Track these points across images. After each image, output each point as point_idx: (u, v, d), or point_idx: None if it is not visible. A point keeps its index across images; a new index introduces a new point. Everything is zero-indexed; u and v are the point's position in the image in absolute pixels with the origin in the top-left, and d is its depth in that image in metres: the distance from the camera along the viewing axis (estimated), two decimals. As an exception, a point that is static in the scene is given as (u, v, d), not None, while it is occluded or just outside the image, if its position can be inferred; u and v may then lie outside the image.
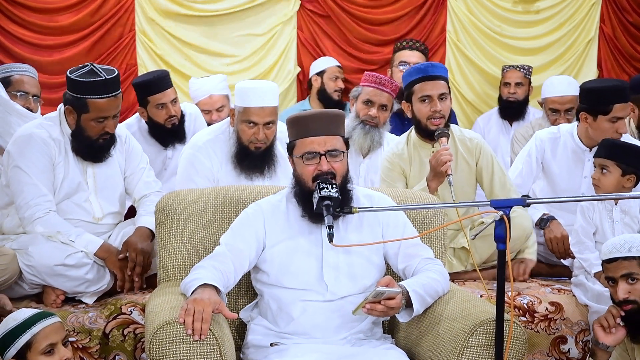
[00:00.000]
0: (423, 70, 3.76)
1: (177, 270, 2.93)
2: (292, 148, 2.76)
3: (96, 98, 3.32)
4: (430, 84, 3.71)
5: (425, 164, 3.77)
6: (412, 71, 3.83)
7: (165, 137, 4.43)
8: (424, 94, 3.71)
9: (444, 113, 3.72)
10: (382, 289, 2.50)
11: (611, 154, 3.49)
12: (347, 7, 5.88)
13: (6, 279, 3.27)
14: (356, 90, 4.35)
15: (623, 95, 3.85)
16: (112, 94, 3.35)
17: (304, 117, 2.74)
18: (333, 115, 2.76)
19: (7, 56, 5.35)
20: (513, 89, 5.43)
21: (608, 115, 3.83)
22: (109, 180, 3.57)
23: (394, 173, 3.85)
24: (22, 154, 3.37)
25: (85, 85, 3.31)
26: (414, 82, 3.75)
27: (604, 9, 6.07)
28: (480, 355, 2.52)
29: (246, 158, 3.68)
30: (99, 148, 3.46)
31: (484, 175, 3.82)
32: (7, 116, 3.78)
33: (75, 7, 5.54)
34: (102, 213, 3.56)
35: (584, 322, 3.52)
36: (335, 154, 2.70)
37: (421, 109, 3.73)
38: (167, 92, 4.37)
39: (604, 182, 3.49)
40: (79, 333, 3.27)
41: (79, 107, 3.36)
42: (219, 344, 2.44)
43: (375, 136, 4.24)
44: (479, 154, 3.83)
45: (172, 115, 4.37)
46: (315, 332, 2.68)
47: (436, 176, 3.58)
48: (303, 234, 2.75)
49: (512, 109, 5.46)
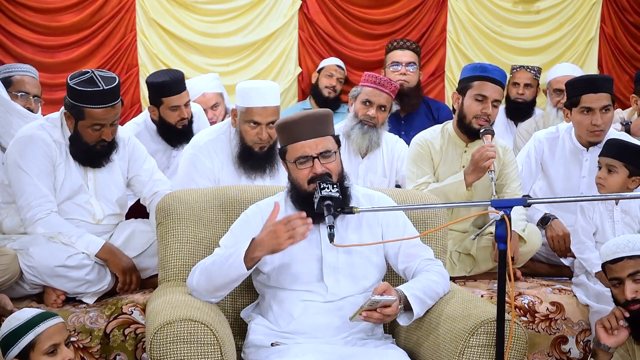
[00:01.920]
0: (487, 70, 3.77)
1: (177, 270, 2.93)
2: (284, 153, 2.75)
3: (92, 107, 3.32)
4: (490, 86, 3.72)
5: (454, 160, 3.78)
6: (477, 67, 3.84)
7: (175, 137, 4.43)
8: (481, 93, 3.71)
9: (492, 119, 3.74)
10: (378, 297, 2.51)
11: (620, 154, 3.47)
12: (347, 7, 5.89)
13: (7, 279, 3.27)
14: (355, 90, 4.34)
15: (591, 86, 3.84)
16: (109, 104, 3.33)
17: (293, 121, 2.72)
18: (320, 116, 2.74)
19: (8, 56, 5.36)
20: (522, 89, 5.40)
21: (578, 107, 3.85)
22: (109, 184, 3.57)
23: (424, 157, 3.85)
24: (23, 155, 3.37)
25: (82, 94, 3.30)
26: (475, 78, 3.76)
27: (604, 8, 6.08)
28: (481, 355, 2.52)
29: (250, 158, 3.68)
30: (96, 154, 3.46)
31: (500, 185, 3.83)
32: (8, 116, 3.78)
33: (76, 7, 5.54)
34: (102, 214, 3.56)
35: (584, 322, 3.52)
36: (328, 154, 2.70)
37: (472, 106, 3.74)
38: (183, 94, 4.34)
39: (610, 182, 3.48)
40: (80, 333, 3.27)
41: (76, 114, 3.36)
42: (220, 344, 2.45)
43: (374, 136, 4.23)
44: (504, 162, 3.84)
45: (184, 117, 4.37)
46: (316, 332, 2.68)
47: (476, 170, 3.59)
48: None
49: (519, 110, 5.44)
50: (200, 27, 5.74)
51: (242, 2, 5.76)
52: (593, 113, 3.82)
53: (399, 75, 5.18)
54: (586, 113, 3.84)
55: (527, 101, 5.42)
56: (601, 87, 3.84)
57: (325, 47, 5.86)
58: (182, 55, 5.70)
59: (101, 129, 3.37)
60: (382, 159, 4.30)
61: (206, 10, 5.75)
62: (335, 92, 5.59)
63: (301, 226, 2.51)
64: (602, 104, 3.81)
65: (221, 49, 5.78)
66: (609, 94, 3.85)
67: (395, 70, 5.23)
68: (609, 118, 3.86)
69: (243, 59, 5.80)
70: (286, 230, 2.51)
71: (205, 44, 5.75)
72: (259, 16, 5.80)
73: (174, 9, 5.68)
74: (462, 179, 3.63)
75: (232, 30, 5.78)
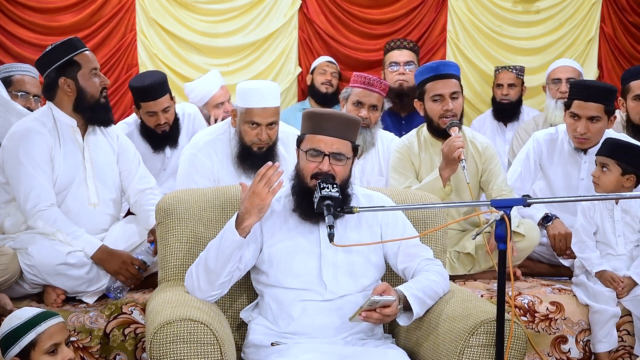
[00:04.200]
0: (434, 69, 3.77)
1: (177, 270, 2.93)
2: (300, 140, 2.77)
3: (80, 51, 3.44)
4: (441, 82, 3.72)
5: (434, 160, 3.78)
6: (424, 70, 3.83)
7: (155, 141, 4.44)
8: (436, 93, 3.72)
9: (456, 112, 3.73)
10: (377, 298, 2.51)
11: (612, 152, 3.48)
12: (347, 7, 5.89)
13: (7, 278, 3.26)
14: (345, 91, 4.34)
15: (583, 93, 3.79)
16: (87, 48, 3.51)
17: (321, 114, 2.76)
18: (349, 120, 2.76)
19: (8, 56, 5.36)
20: (506, 90, 5.40)
21: (569, 109, 3.84)
22: (105, 165, 3.59)
23: (405, 162, 3.87)
24: (20, 148, 3.37)
25: (66, 45, 3.44)
26: (426, 81, 3.76)
27: (604, 8, 6.07)
28: (481, 355, 2.52)
29: (249, 158, 3.68)
30: (104, 107, 3.51)
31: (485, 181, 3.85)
32: (8, 116, 3.78)
33: (76, 7, 5.54)
34: (98, 199, 3.54)
35: (584, 322, 3.52)
36: (340, 157, 2.70)
37: (433, 108, 3.75)
38: (160, 100, 4.33)
39: (604, 181, 3.49)
40: (80, 333, 3.27)
41: (72, 70, 3.42)
42: (219, 344, 2.45)
43: (368, 137, 4.24)
44: (485, 158, 3.84)
45: (160, 123, 4.36)
46: (316, 332, 2.68)
47: (449, 164, 3.60)
48: (301, 233, 2.76)
49: (505, 111, 5.43)
50: (200, 27, 5.74)
51: (242, 2, 5.76)
52: (578, 120, 3.81)
53: (398, 75, 5.19)
54: (573, 118, 3.83)
55: (512, 101, 5.41)
56: (593, 96, 3.76)
57: (325, 47, 5.86)
58: (182, 55, 5.70)
59: (97, 72, 3.47)
60: (378, 157, 4.31)
61: (206, 10, 5.75)
62: (332, 87, 5.58)
63: (274, 175, 2.58)
64: (588, 113, 3.77)
65: (221, 49, 5.78)
66: (602, 105, 3.76)
67: (393, 70, 5.24)
68: (597, 128, 3.80)
69: (243, 59, 5.81)
70: (263, 185, 2.57)
71: (205, 44, 5.75)
72: (259, 16, 5.80)
73: (174, 9, 5.68)
74: (438, 176, 3.63)
75: (232, 30, 5.79)
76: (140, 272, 3.44)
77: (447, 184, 3.64)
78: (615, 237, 3.54)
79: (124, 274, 3.40)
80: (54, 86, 3.45)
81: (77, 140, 3.50)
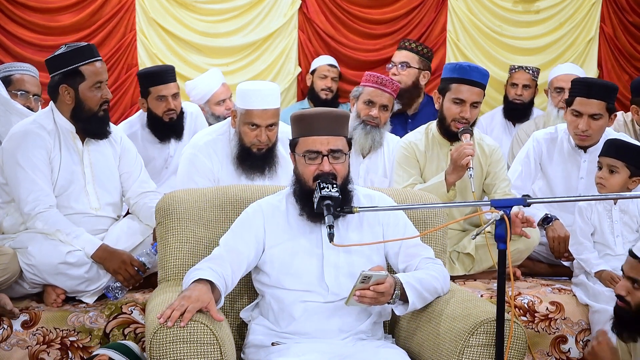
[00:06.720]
0: (465, 72, 3.75)
1: (177, 270, 2.93)
2: (294, 145, 2.76)
3: (89, 62, 3.40)
4: (467, 88, 3.72)
5: (440, 160, 3.78)
6: (455, 67, 3.81)
7: (163, 131, 4.45)
8: (458, 97, 3.73)
9: (470, 120, 3.74)
10: (368, 272, 2.50)
11: (621, 154, 3.46)
12: (347, 7, 5.89)
13: (6, 278, 3.26)
14: (357, 90, 4.34)
15: (586, 90, 3.81)
16: (99, 58, 3.46)
17: (309, 115, 2.74)
18: (338, 115, 2.75)
19: (8, 56, 5.36)
20: (520, 90, 5.38)
21: (571, 107, 3.85)
22: (105, 170, 3.58)
23: (410, 159, 3.87)
24: (19, 150, 3.37)
25: (75, 52, 3.39)
26: (453, 80, 3.75)
27: (604, 8, 6.08)
28: (481, 354, 2.52)
29: (248, 159, 3.68)
30: (100, 120, 3.49)
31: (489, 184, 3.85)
32: (8, 115, 3.78)
33: (76, 7, 5.55)
34: (99, 203, 3.54)
35: (584, 321, 3.52)
36: (338, 155, 2.70)
37: (451, 109, 3.75)
38: (170, 85, 4.42)
39: (611, 182, 3.47)
40: (80, 333, 3.27)
41: (74, 80, 3.40)
42: (219, 344, 2.45)
43: (376, 136, 4.24)
44: (491, 161, 3.84)
45: (171, 108, 4.39)
46: (316, 332, 2.68)
47: (456, 170, 3.61)
48: (303, 233, 2.75)
49: (517, 111, 5.41)
50: (200, 27, 5.74)
51: (242, 2, 5.76)
52: (580, 117, 3.81)
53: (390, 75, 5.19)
54: (575, 115, 3.84)
55: (525, 102, 5.40)
56: (596, 93, 3.79)
57: (325, 47, 5.86)
58: (182, 55, 5.70)
59: (101, 85, 3.43)
60: (384, 159, 4.30)
61: (206, 10, 5.75)
62: (332, 93, 5.58)
63: None
64: (591, 110, 3.79)
65: (221, 49, 5.78)
66: (604, 102, 3.78)
67: (389, 69, 5.23)
68: (598, 126, 3.82)
69: (243, 59, 5.81)
70: None
71: (205, 44, 5.75)
72: (259, 16, 5.80)
73: (174, 9, 5.68)
74: (443, 180, 3.64)
75: (232, 30, 5.79)
76: (139, 274, 3.43)
77: (452, 188, 3.64)
78: (613, 237, 3.53)
79: (122, 274, 3.39)
80: (56, 90, 3.45)
81: (77, 146, 3.49)
